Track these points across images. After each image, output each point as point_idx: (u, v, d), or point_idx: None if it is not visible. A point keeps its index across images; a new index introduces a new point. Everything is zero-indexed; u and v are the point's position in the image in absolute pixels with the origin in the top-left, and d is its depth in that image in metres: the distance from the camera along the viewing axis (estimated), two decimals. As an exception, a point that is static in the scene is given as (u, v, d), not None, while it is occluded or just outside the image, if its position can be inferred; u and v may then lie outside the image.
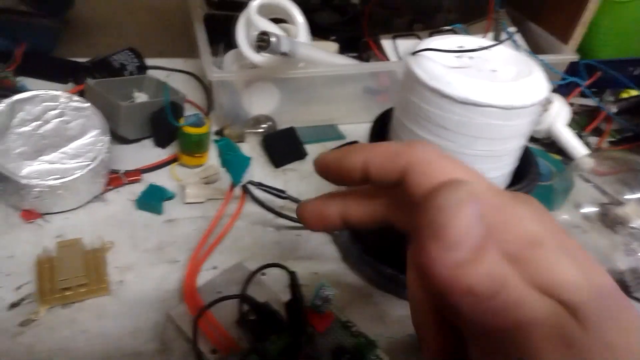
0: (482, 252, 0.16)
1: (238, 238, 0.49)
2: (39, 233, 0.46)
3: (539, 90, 0.38)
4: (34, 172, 0.44)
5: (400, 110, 0.41)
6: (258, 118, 0.61)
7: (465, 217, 0.16)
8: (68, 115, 0.47)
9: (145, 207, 0.49)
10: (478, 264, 0.16)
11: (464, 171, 0.20)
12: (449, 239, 0.16)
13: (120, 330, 0.39)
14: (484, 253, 0.16)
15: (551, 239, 0.18)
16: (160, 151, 0.58)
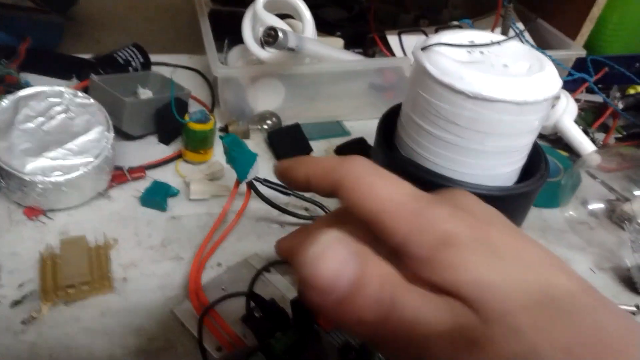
0: (359, 285, 0.17)
1: (243, 235, 0.48)
2: (42, 230, 0.46)
3: (552, 85, 0.37)
4: (38, 168, 0.43)
5: (410, 106, 0.40)
6: (263, 114, 0.60)
7: (329, 264, 0.17)
8: (72, 112, 0.46)
9: (149, 204, 0.49)
10: (358, 296, 0.17)
11: (392, 185, 0.20)
12: (319, 288, 0.17)
13: (124, 327, 0.39)
14: (363, 283, 0.17)
15: (466, 237, 0.18)
16: (165, 148, 0.57)
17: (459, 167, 0.39)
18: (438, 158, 0.39)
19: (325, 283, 0.17)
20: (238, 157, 0.44)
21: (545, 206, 0.56)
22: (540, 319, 0.17)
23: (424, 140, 0.39)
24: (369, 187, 0.19)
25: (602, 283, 0.49)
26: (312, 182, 0.23)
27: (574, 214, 0.55)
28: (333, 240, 0.17)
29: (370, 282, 0.17)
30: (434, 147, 0.39)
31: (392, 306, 0.17)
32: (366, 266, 0.18)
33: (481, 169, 0.39)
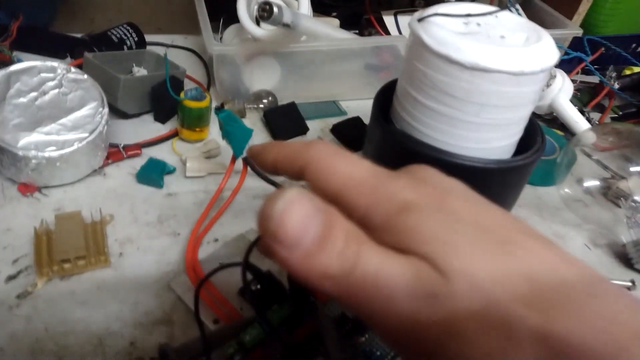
0: (325, 238, 0.17)
1: (239, 212, 0.48)
2: (37, 206, 0.45)
3: (549, 56, 0.37)
4: (32, 143, 0.43)
5: (406, 79, 0.40)
6: (259, 93, 0.60)
7: (294, 217, 0.17)
8: (66, 87, 0.46)
9: (145, 181, 0.49)
10: (324, 251, 0.17)
11: (352, 164, 0.21)
12: (287, 242, 0.17)
13: (121, 302, 0.39)
14: (329, 238, 0.17)
15: (424, 203, 0.19)
16: (160, 126, 0.57)
17: (455, 140, 0.39)
18: (434, 131, 0.39)
19: (291, 237, 0.17)
20: (233, 132, 0.43)
21: (540, 184, 0.56)
22: (499, 273, 0.17)
23: (419, 113, 0.39)
24: (331, 167, 0.20)
25: (598, 259, 0.49)
26: (279, 166, 0.24)
27: (569, 191, 0.55)
28: (298, 195, 0.18)
29: (335, 237, 0.18)
30: (429, 119, 0.39)
31: (356, 261, 0.18)
32: (331, 221, 0.18)
33: (477, 142, 0.39)
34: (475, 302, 0.17)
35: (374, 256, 0.18)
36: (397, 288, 0.17)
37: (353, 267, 0.18)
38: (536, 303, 0.17)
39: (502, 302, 0.17)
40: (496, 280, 0.17)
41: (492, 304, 0.17)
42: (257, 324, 0.35)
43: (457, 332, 0.17)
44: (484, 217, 0.20)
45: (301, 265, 0.17)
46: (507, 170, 0.39)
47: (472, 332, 0.17)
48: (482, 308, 0.17)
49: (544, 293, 0.17)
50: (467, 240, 0.18)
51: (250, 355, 0.34)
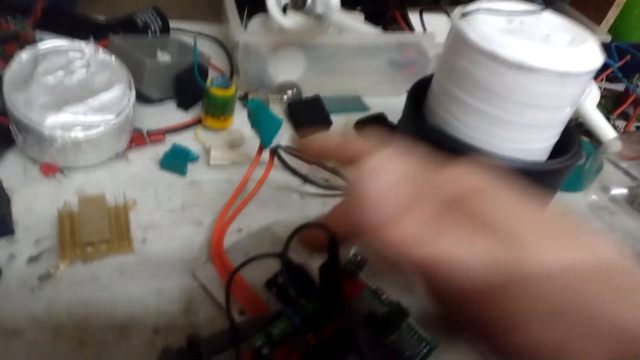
0: (412, 204, 0.18)
1: (263, 203, 0.47)
2: (59, 188, 0.45)
3: (594, 58, 0.36)
4: (58, 123, 0.42)
5: (444, 75, 0.39)
6: (283, 85, 0.59)
7: (383, 180, 0.17)
8: (93, 68, 0.45)
9: (169, 168, 0.48)
10: (409, 216, 0.18)
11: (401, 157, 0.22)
12: (370, 206, 0.17)
13: (144, 289, 0.38)
14: (415, 205, 0.18)
15: (487, 189, 0.20)
16: (183, 113, 0.56)
17: (494, 140, 0.38)
18: (471, 129, 0.38)
19: (376, 204, 0.17)
20: (263, 121, 0.43)
21: (568, 190, 0.55)
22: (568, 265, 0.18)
23: (457, 110, 0.38)
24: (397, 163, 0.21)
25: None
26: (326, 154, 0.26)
27: (596, 198, 0.54)
28: (393, 154, 0.18)
29: (421, 204, 0.18)
30: (468, 117, 0.38)
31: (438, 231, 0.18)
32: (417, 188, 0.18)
33: (516, 142, 0.38)
34: (550, 287, 0.17)
35: (455, 229, 0.18)
36: (475, 265, 0.18)
37: (436, 237, 0.18)
38: (609, 290, 0.17)
39: (577, 291, 0.17)
40: (567, 269, 0.18)
41: (567, 291, 0.17)
42: (285, 318, 0.34)
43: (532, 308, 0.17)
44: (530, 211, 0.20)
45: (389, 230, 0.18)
46: (545, 173, 0.38)
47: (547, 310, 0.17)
48: (556, 293, 0.17)
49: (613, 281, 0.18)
50: (535, 226, 0.19)
51: (277, 348, 0.33)
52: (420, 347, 0.37)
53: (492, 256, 0.18)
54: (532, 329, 0.18)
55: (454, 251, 0.18)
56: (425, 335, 0.37)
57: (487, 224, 0.19)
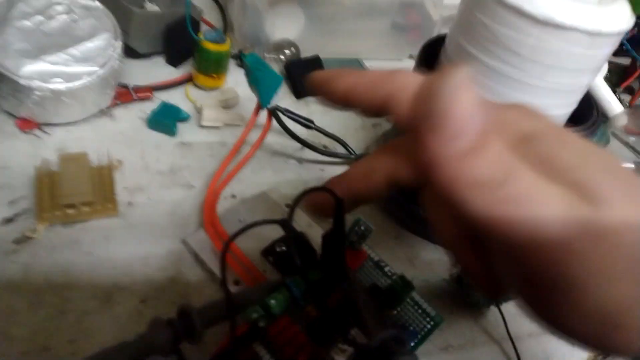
0: (485, 139, 0.15)
1: (258, 168, 0.44)
2: (37, 144, 0.41)
3: (624, 18, 0.33)
4: (35, 72, 0.38)
5: (461, 32, 0.36)
6: (280, 43, 0.55)
7: (466, 101, 0.14)
8: (76, 13, 0.41)
9: (157, 127, 0.44)
10: (482, 152, 0.15)
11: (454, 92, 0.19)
12: (451, 127, 0.14)
13: (130, 255, 0.35)
14: (488, 140, 0.15)
15: (548, 133, 0.18)
16: (172, 70, 0.52)
17: (511, 105, 0.35)
18: (489, 93, 0.35)
19: (457, 126, 0.14)
20: (262, 78, 0.39)
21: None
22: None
23: (474, 72, 0.35)
24: None
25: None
26: (354, 95, 0.21)
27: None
28: (471, 78, 0.15)
29: (493, 141, 0.15)
30: (485, 80, 0.35)
31: (510, 174, 0.15)
32: (489, 122, 0.15)
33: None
34: (632, 235, 0.16)
35: (528, 172, 0.16)
36: (552, 211, 0.15)
37: (506, 179, 0.15)
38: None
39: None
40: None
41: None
42: (284, 289, 0.31)
43: (608, 266, 0.16)
44: (608, 158, 0.18)
45: (452, 165, 0.15)
46: (564, 141, 0.36)
47: (623, 270, 0.16)
48: (635, 246, 0.16)
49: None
50: (606, 174, 0.17)
51: (275, 321, 0.30)
52: (424, 322, 0.35)
53: (571, 204, 0.16)
54: (602, 288, 0.16)
55: (532, 194, 0.16)
56: (429, 310, 0.35)
57: (564, 171, 0.17)
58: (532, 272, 0.17)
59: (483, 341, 0.35)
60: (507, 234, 0.16)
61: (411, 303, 0.35)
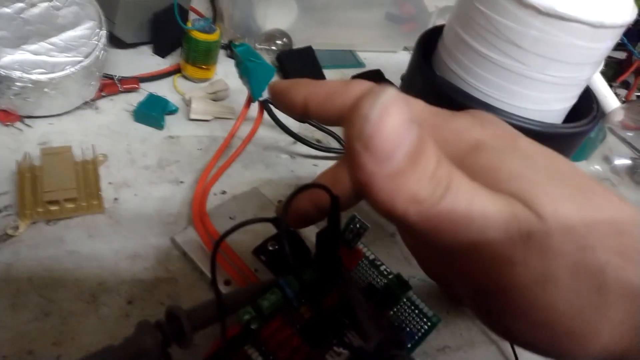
0: (419, 155, 0.15)
1: (249, 163, 0.43)
2: (19, 138, 0.39)
3: (627, 10, 0.32)
4: (16, 62, 0.36)
5: (459, 23, 0.35)
6: (272, 33, 0.54)
7: (392, 124, 0.14)
8: (58, 1, 0.39)
9: (144, 120, 0.43)
10: (418, 168, 0.15)
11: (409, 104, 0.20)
12: (380, 151, 0.14)
13: (116, 254, 0.34)
14: (422, 156, 0.15)
15: (497, 142, 0.19)
16: (160, 60, 0.50)
17: (510, 98, 0.34)
18: (487, 86, 0.34)
19: (386, 146, 0.14)
20: (254, 69, 0.38)
21: (572, 159, 0.53)
22: (589, 219, 0.16)
23: (473, 63, 0.34)
24: None
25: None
26: (312, 107, 0.21)
27: (599, 168, 0.52)
28: (398, 98, 0.14)
29: (428, 156, 0.15)
30: (484, 72, 0.34)
31: (448, 187, 0.15)
32: (424, 138, 0.15)
33: (534, 102, 0.34)
34: (572, 245, 0.16)
35: (466, 183, 0.16)
36: (492, 222, 0.16)
37: (444, 193, 0.15)
38: (629, 254, 0.16)
39: (598, 250, 0.16)
40: (589, 226, 0.16)
41: (588, 250, 0.16)
42: (276, 289, 0.30)
43: (549, 277, 0.16)
44: (558, 163, 0.19)
45: (388, 184, 0.15)
46: (564, 136, 0.35)
47: (564, 280, 0.16)
48: (578, 252, 0.16)
49: (634, 245, 0.16)
50: (551, 182, 0.17)
51: (268, 323, 0.29)
52: (421, 323, 0.34)
53: (513, 214, 0.16)
54: (547, 296, 0.16)
55: (472, 205, 0.15)
56: (426, 311, 0.34)
57: (507, 181, 0.17)
58: (478, 283, 0.17)
59: (481, 342, 0.35)
60: (449, 246, 0.16)
61: (408, 303, 0.34)
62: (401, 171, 0.15)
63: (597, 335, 0.16)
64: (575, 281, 0.16)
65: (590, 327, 0.16)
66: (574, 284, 0.16)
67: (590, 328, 0.16)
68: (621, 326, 0.16)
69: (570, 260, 0.16)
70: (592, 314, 0.16)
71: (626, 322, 0.16)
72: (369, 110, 0.14)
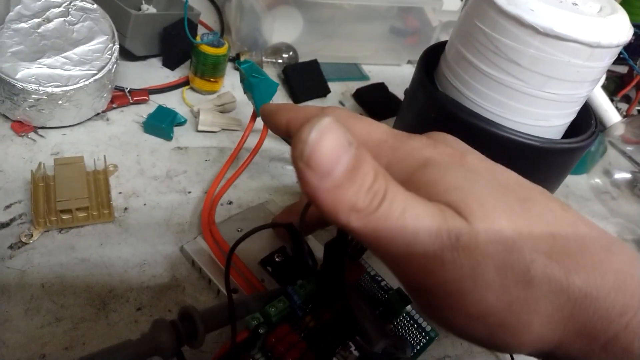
0: (356, 170, 0.17)
1: (255, 174, 0.44)
2: (33, 148, 0.41)
3: (624, 30, 0.33)
4: (32, 75, 0.38)
5: (461, 41, 0.36)
6: (278, 47, 0.55)
7: (328, 143, 0.16)
8: (73, 16, 0.40)
9: (153, 131, 0.44)
10: (355, 182, 0.17)
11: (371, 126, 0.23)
12: (319, 168, 0.16)
13: (125, 261, 0.35)
14: (359, 171, 0.17)
15: (444, 160, 0.21)
16: (169, 72, 0.52)
17: (510, 114, 0.35)
18: (487, 102, 0.35)
19: (324, 164, 0.16)
20: (257, 85, 0.39)
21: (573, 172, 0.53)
22: (521, 225, 0.18)
23: (473, 80, 0.35)
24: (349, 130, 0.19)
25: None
26: (292, 129, 0.24)
27: (599, 181, 0.52)
28: (333, 124, 0.17)
29: (365, 171, 0.17)
30: (485, 88, 0.35)
31: (384, 196, 0.17)
32: (362, 156, 0.17)
33: (533, 118, 0.35)
34: (499, 246, 0.17)
35: (401, 194, 0.18)
36: (423, 227, 0.17)
37: (381, 203, 0.17)
38: (558, 255, 0.18)
39: (525, 250, 0.18)
40: (519, 230, 0.18)
41: (515, 251, 0.17)
42: (284, 297, 0.31)
43: (478, 273, 0.17)
44: (503, 176, 0.21)
45: (330, 196, 0.17)
46: (562, 151, 0.36)
47: (492, 276, 0.17)
48: (504, 252, 0.17)
49: (566, 247, 0.18)
50: (488, 193, 0.19)
51: (275, 329, 0.30)
52: (420, 336, 0.34)
53: (444, 219, 0.18)
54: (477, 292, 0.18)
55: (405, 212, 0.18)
56: (425, 325, 0.35)
57: (444, 192, 0.19)
58: (417, 281, 0.19)
59: (480, 351, 0.35)
60: (386, 250, 0.18)
61: (407, 317, 0.35)
62: (340, 185, 0.17)
63: (529, 327, 0.18)
64: (502, 277, 0.17)
65: (521, 320, 0.18)
66: (501, 280, 0.17)
67: (520, 320, 0.18)
68: (550, 319, 0.18)
69: (497, 259, 0.17)
70: (521, 307, 0.18)
71: (555, 315, 0.18)
72: (307, 135, 0.16)
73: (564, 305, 0.18)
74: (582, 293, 0.17)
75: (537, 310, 0.18)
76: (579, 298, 0.17)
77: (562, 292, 0.18)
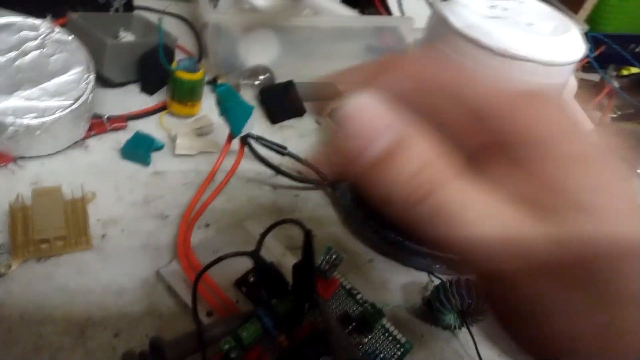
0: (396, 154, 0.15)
1: (232, 196, 0.45)
2: (11, 179, 0.41)
3: (578, 48, 0.35)
4: (9, 108, 0.38)
5: (424, 63, 0.37)
6: (255, 69, 0.56)
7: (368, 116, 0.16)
8: (49, 48, 0.41)
9: (131, 157, 0.45)
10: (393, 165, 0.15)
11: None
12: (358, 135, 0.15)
13: (104, 288, 0.36)
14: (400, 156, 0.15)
15: (563, 131, 0.17)
16: (147, 98, 0.53)
17: (474, 132, 0.36)
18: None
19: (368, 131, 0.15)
20: (232, 108, 0.40)
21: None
22: None
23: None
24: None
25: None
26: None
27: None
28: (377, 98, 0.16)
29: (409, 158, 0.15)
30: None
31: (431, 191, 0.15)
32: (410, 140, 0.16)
33: (497, 134, 0.36)
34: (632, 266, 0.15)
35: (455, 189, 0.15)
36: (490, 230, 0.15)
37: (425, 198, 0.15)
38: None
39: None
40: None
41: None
42: (255, 319, 0.32)
43: (582, 300, 0.15)
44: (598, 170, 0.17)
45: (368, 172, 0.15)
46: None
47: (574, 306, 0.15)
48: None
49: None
50: (616, 195, 0.16)
51: (247, 352, 0.31)
52: (395, 349, 0.35)
53: (554, 228, 0.15)
54: (569, 318, 0.15)
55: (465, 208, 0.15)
56: (399, 337, 0.35)
57: (552, 187, 0.15)
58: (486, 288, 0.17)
59: (453, 363, 0.36)
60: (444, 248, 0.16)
61: (382, 330, 0.35)
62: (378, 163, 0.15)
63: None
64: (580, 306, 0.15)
65: None
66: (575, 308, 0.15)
67: None
68: None
69: (620, 283, 0.15)
70: None
71: None
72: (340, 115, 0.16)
73: None
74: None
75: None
76: None
77: None
